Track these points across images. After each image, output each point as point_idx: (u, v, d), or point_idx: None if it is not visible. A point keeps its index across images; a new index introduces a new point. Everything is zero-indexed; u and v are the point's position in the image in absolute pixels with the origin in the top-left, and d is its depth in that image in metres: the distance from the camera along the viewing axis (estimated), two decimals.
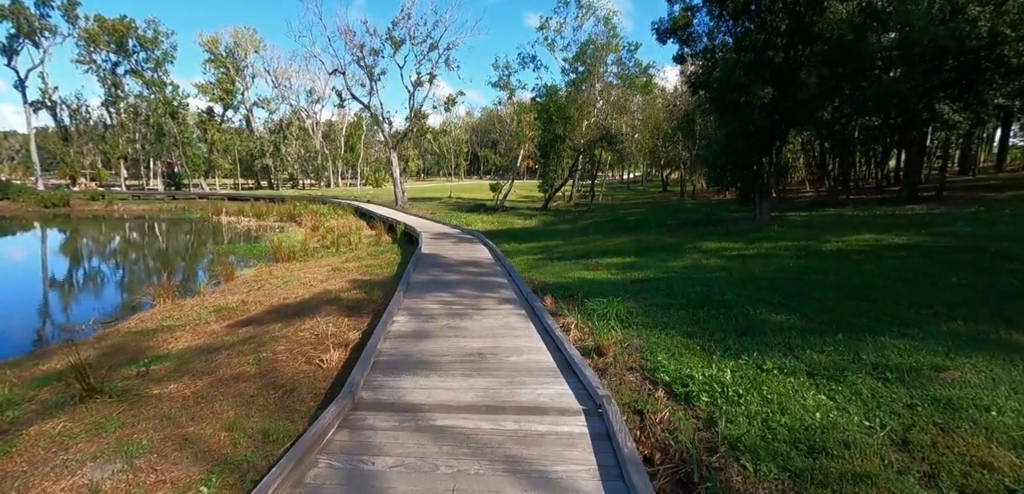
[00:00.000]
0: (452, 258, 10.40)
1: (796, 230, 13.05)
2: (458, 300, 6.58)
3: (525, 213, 28.88)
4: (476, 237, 15.25)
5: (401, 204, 33.55)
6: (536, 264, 11.59)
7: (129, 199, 40.49)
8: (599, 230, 19.25)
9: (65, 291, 13.92)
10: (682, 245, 12.77)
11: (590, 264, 11.03)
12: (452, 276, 8.29)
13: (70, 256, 20.06)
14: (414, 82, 35.83)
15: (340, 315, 7.39)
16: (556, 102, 28.70)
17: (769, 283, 7.22)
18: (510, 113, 42.61)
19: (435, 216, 26.37)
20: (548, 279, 9.39)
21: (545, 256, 13.06)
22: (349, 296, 9.06)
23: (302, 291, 10.43)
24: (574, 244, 15.21)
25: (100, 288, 14.55)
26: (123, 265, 18.18)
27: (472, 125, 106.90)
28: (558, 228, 21.70)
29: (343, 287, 10.23)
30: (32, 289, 14.20)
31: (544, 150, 31.16)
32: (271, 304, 9.39)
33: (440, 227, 19.27)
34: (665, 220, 20.67)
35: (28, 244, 24.39)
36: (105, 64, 46.85)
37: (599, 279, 8.99)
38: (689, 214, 22.29)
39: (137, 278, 15.48)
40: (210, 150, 56.56)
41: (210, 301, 10.38)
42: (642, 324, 5.67)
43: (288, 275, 12.90)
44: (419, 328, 5.35)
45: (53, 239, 25.53)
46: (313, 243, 19.79)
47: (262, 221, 31.02)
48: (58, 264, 18.24)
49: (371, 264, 13.42)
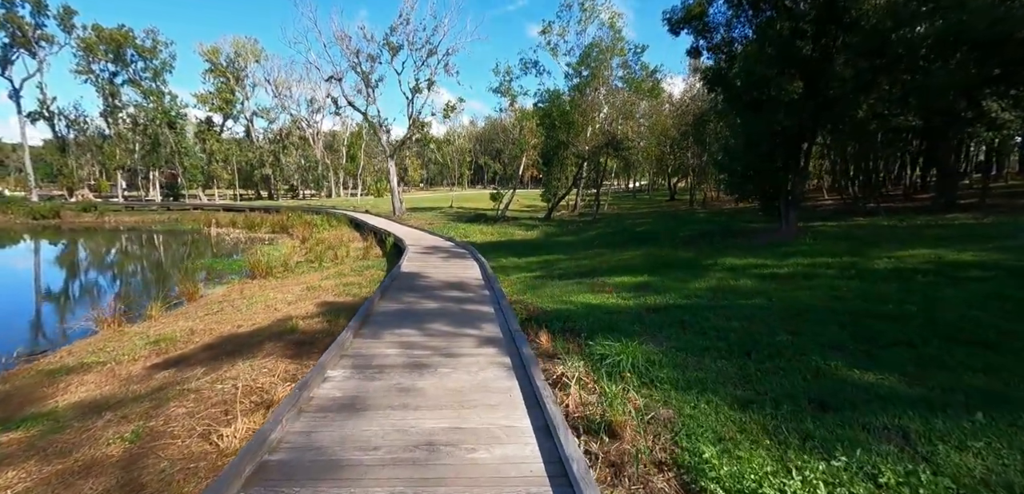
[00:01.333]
0: (434, 279, 8.88)
1: (831, 243, 11.44)
2: (425, 341, 5.07)
3: (527, 223, 27.38)
4: (469, 252, 13.76)
5: (399, 215, 32.18)
6: (534, 283, 10.06)
7: (122, 211, 39.41)
8: (605, 242, 17.69)
9: (8, 313, 12.51)
10: (700, 261, 11.20)
11: (596, 284, 9.49)
12: (427, 304, 6.78)
13: (34, 273, 18.74)
14: (413, 89, 34.59)
15: (283, 356, 5.89)
16: (559, 107, 27.29)
17: (829, 316, 5.63)
18: (513, 121, 41.35)
19: (431, 227, 24.93)
20: (546, 304, 7.87)
21: (545, 273, 11.54)
22: (308, 326, 7.59)
23: (261, 317, 9.01)
24: (578, 259, 13.67)
25: (50, 310, 13.14)
26: (86, 283, 16.80)
27: (476, 134, 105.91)
28: (561, 240, 20.16)
29: (307, 313, 8.79)
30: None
31: (547, 157, 29.70)
32: (217, 335, 7.95)
33: (432, 240, 17.80)
34: (677, 231, 19.08)
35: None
36: (103, 74, 46.08)
37: (607, 305, 7.44)
38: (702, 224, 20.68)
39: (95, 298, 14.06)
40: (209, 160, 55.62)
41: (155, 329, 8.97)
42: (669, 381, 4.12)
43: (257, 295, 11.51)
44: (356, 392, 3.82)
45: (24, 254, 24.29)
46: (298, 257, 18.39)
47: (253, 233, 29.74)
48: (15, 282, 16.91)
49: (351, 282, 11.99)
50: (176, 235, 30.30)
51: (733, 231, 16.84)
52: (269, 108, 60.90)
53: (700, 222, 21.88)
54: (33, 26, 40.70)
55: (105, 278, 17.54)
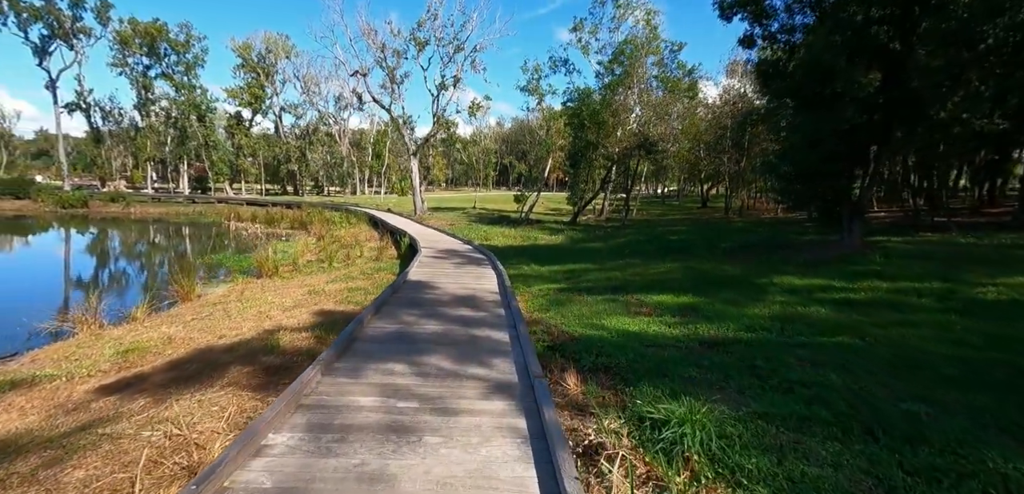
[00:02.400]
0: (443, 291, 7.66)
1: (910, 264, 9.75)
2: (416, 385, 3.82)
3: (551, 227, 26.03)
4: (487, 258, 12.53)
5: (420, 214, 31.28)
6: (558, 298, 8.75)
7: (148, 202, 39.77)
8: (637, 251, 16.21)
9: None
10: (752, 279, 9.68)
11: (632, 303, 8.11)
12: (429, 327, 5.54)
13: (39, 262, 18.36)
14: (438, 86, 33.71)
15: (247, 387, 4.76)
16: (589, 105, 25.86)
17: (964, 373, 4.16)
18: (540, 121, 40.06)
19: (451, 228, 23.85)
20: (573, 327, 6.55)
21: (571, 285, 10.20)
22: (293, 343, 6.49)
23: (249, 326, 8.02)
24: (608, 270, 12.27)
25: (40, 304, 12.44)
26: (88, 278, 16.22)
27: (502, 136, 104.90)
28: (588, 247, 18.75)
29: (299, 324, 7.74)
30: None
31: (574, 159, 28.29)
32: (193, 347, 6.96)
33: (449, 242, 16.65)
34: (716, 242, 17.44)
35: (10, 245, 23.12)
36: (137, 67, 46.83)
37: (649, 334, 6.08)
38: (743, 235, 18.95)
39: (91, 294, 13.36)
40: (237, 154, 56.13)
41: (133, 336, 8.05)
42: (764, 479, 2.75)
43: (255, 298, 10.61)
44: (297, 480, 2.57)
45: (39, 241, 24.24)
46: (308, 256, 17.52)
47: (272, 228, 29.26)
48: (17, 271, 16.49)
49: (357, 287, 10.96)
50: (197, 228, 30.09)
51: (781, 244, 15.14)
52: (297, 104, 61.21)
53: (740, 232, 20.13)
54: (71, 18, 41.51)
55: (109, 273, 16.98)
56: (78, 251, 21.43)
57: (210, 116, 49.94)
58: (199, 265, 17.06)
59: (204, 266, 16.70)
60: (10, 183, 36.28)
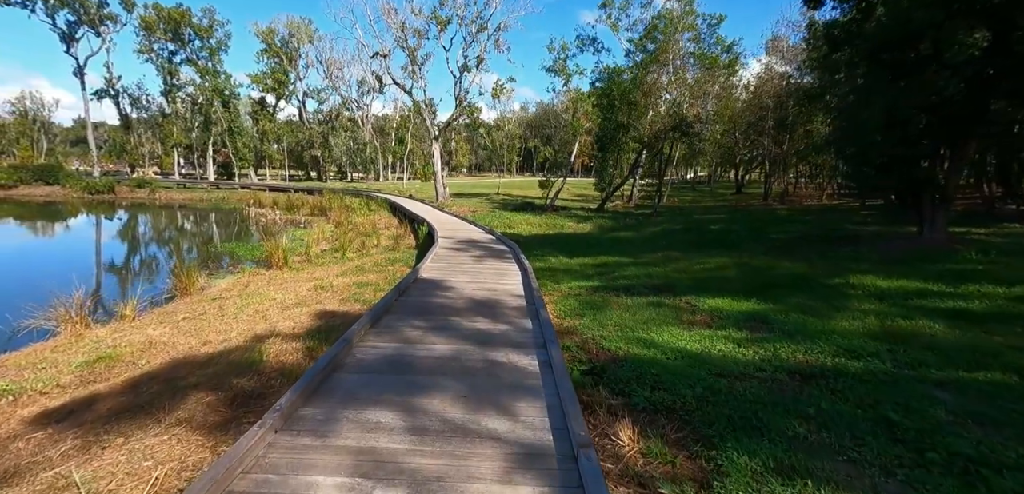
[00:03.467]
0: (457, 294, 6.48)
1: (1018, 263, 8.10)
2: (406, 453, 2.59)
3: (578, 215, 24.64)
4: (510, 250, 11.33)
5: (442, 200, 30.29)
6: (593, 300, 7.49)
7: (173, 188, 39.93)
8: (675, 242, 14.75)
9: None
10: (821, 279, 8.21)
11: (682, 309, 6.80)
12: (434, 347, 4.34)
13: (49, 249, 18.00)
14: (461, 67, 32.48)
15: (200, 427, 3.70)
16: (619, 85, 24.21)
17: None
18: (566, 103, 38.37)
19: (474, 215, 22.74)
20: (615, 342, 5.31)
21: (605, 283, 8.92)
22: (277, 356, 5.48)
23: (240, 329, 7.09)
24: (646, 264, 10.91)
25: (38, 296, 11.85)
26: (93, 266, 15.69)
27: (526, 120, 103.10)
28: (620, 236, 17.34)
29: (294, 328, 6.76)
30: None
31: (603, 142, 26.71)
32: (168, 357, 6.04)
33: (470, 231, 15.50)
34: (763, 232, 15.82)
35: (25, 231, 23.07)
36: (162, 52, 47.02)
37: (715, 356, 4.79)
38: (792, 225, 17.23)
39: (93, 284, 12.74)
40: (261, 140, 56.22)
41: (115, 338, 7.22)
42: None
43: (258, 293, 9.75)
44: None
45: (56, 227, 24.13)
46: (323, 245, 16.66)
47: (292, 215, 28.70)
48: (24, 259, 16.10)
49: (367, 282, 9.98)
50: (217, 215, 29.81)
51: (841, 236, 13.46)
52: (320, 89, 60.89)
53: (787, 222, 18.37)
54: (97, 5, 41.71)
55: (117, 262, 16.42)
56: (91, 239, 21.15)
57: (234, 102, 49.92)
58: (210, 254, 16.40)
59: (214, 255, 16.00)
60: (40, 170, 36.86)
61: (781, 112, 27.22)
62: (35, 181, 35.24)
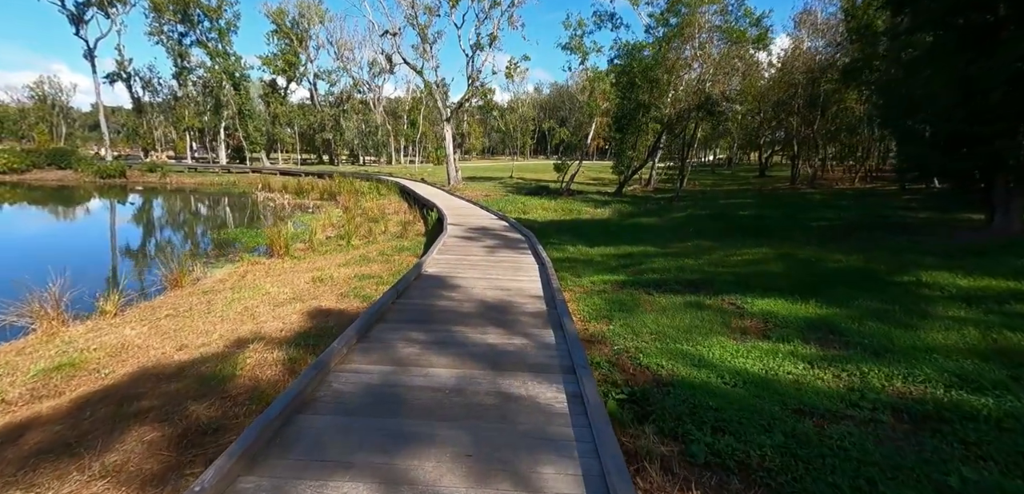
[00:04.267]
0: (465, 296, 5.55)
1: None
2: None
3: (595, 199, 23.55)
4: (526, 239, 10.40)
5: (454, 184, 29.39)
6: (620, 298, 6.55)
7: (185, 172, 39.63)
8: (702, 230, 13.65)
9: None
10: (884, 275, 7.14)
11: (727, 311, 5.83)
12: (434, 373, 3.41)
13: (51, 233, 17.51)
14: (473, 46, 31.28)
15: (127, 483, 2.88)
16: (640, 62, 22.85)
17: None
18: (582, 83, 36.93)
19: (487, 200, 21.82)
20: (653, 356, 4.39)
21: (633, 277, 7.94)
22: (253, 371, 4.68)
23: (221, 332, 6.34)
24: (674, 255, 9.88)
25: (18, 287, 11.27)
26: (91, 252, 15.11)
27: (541, 102, 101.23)
28: (642, 222, 16.27)
29: (282, 332, 5.99)
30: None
31: (622, 123, 25.46)
32: (136, 366, 5.31)
33: (482, 217, 14.59)
34: (799, 219, 14.62)
35: (29, 215, 22.75)
36: (172, 34, 46.48)
37: (784, 382, 3.82)
38: (831, 211, 15.97)
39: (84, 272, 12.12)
40: (273, 123, 55.72)
41: (87, 339, 6.54)
42: None
43: (251, 286, 9.02)
44: None
45: (61, 211, 23.78)
46: (328, 232, 15.92)
47: (301, 199, 28.08)
48: (20, 243, 15.63)
49: (369, 274, 9.19)
50: (226, 199, 29.33)
51: (891, 223, 12.25)
52: (331, 70, 60.06)
53: (824, 207, 17.09)
54: None
55: (116, 248, 15.82)
56: (93, 225, 20.69)
57: (245, 84, 49.32)
58: (213, 241, 15.77)
59: (217, 242, 15.35)
60: (53, 154, 36.76)
61: (812, 89, 25.62)
62: (48, 165, 35.17)
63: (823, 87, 25.17)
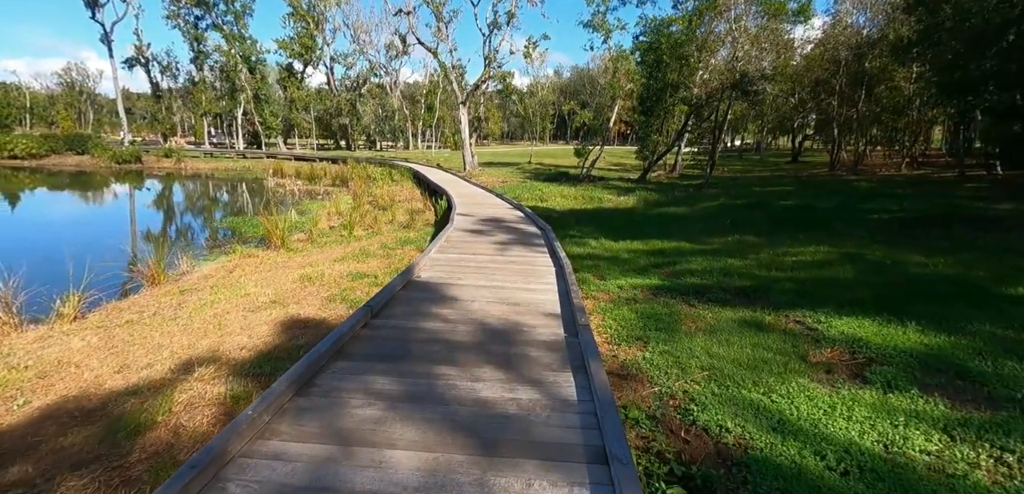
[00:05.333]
0: (460, 317, 4.30)
1: None
2: None
3: (618, 186, 22.11)
4: (542, 233, 9.17)
5: (469, 170, 28.20)
6: (655, 312, 5.29)
7: (200, 157, 39.35)
8: (741, 222, 12.19)
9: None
10: (994, 286, 5.72)
11: (796, 333, 4.53)
12: (393, 460, 2.23)
13: (44, 224, 16.82)
14: (490, 24, 29.82)
15: None
16: (669, 38, 21.13)
17: None
18: (604, 64, 35.13)
19: (502, 187, 20.61)
20: (714, 413, 3.15)
21: (668, 281, 6.64)
22: (176, 417, 3.62)
23: (175, 347, 5.34)
24: (715, 254, 8.51)
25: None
26: (80, 242, 14.35)
27: (560, 86, 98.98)
28: (670, 212, 14.85)
29: (243, 350, 4.98)
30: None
31: (647, 105, 23.81)
32: (48, 401, 4.33)
33: (495, 206, 13.39)
34: (853, 210, 13.02)
35: (31, 202, 22.40)
36: (188, 17, 46.08)
37: (919, 469, 2.55)
38: (885, 200, 14.29)
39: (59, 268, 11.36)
40: (290, 108, 55.25)
41: (25, 351, 5.61)
42: None
43: (232, 286, 8.07)
44: None
45: (63, 198, 23.40)
46: (332, 221, 14.92)
47: (312, 185, 27.30)
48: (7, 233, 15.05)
49: (366, 271, 8.16)
50: (238, 185, 28.75)
51: (967, 215, 10.62)
52: (347, 54, 59.19)
53: (876, 196, 15.38)
54: None
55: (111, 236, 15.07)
56: (94, 212, 20.11)
57: (261, 68, 48.77)
58: (210, 229, 14.96)
59: (214, 231, 14.53)
60: (70, 139, 36.83)
61: (857, 66, 23.51)
62: (66, 150, 35.21)
63: (869, 64, 23.07)
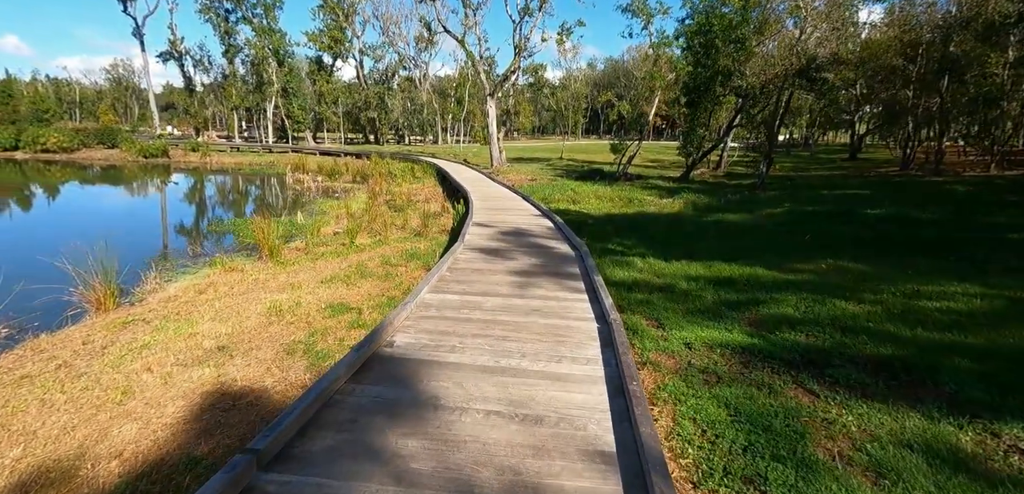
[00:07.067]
0: (434, 463, 2.42)
1: None
2: None
3: (659, 186, 19.81)
4: (576, 254, 7.20)
5: (496, 166, 26.35)
6: (755, 406, 3.26)
7: (227, 152, 39.02)
8: (825, 237, 9.84)
9: None
10: None
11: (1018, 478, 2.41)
12: None
13: (39, 224, 15.86)
14: (521, 9, 27.79)
15: None
16: (722, 19, 18.63)
17: None
18: (643, 52, 32.54)
19: (531, 185, 18.71)
20: None
21: (755, 335, 4.54)
22: None
23: (50, 432, 3.58)
24: (814, 291, 6.27)
25: None
26: (75, 244, 13.20)
27: (594, 78, 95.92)
28: (726, 219, 12.57)
29: (109, 472, 3.12)
30: None
31: (694, 95, 21.30)
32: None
33: (521, 212, 11.48)
34: (976, 225, 10.46)
35: (36, 201, 21.81)
36: (219, 11, 45.98)
37: None
38: (1009, 211, 11.58)
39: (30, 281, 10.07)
40: (319, 102, 54.80)
41: None
42: None
43: (185, 317, 6.39)
44: None
45: (66, 192, 22.80)
46: (340, 225, 13.33)
47: (331, 182, 26.06)
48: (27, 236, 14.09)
49: (353, 301, 6.48)
50: (259, 181, 27.85)
51: None
52: (376, 46, 58.25)
53: (991, 205, 12.65)
54: None
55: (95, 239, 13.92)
56: (95, 210, 19.20)
57: (289, 61, 48.30)
58: (206, 233, 13.62)
59: (207, 236, 13.17)
60: (100, 133, 37.13)
61: (942, 50, 20.35)
62: (96, 144, 35.42)
63: (956, 48, 19.90)
